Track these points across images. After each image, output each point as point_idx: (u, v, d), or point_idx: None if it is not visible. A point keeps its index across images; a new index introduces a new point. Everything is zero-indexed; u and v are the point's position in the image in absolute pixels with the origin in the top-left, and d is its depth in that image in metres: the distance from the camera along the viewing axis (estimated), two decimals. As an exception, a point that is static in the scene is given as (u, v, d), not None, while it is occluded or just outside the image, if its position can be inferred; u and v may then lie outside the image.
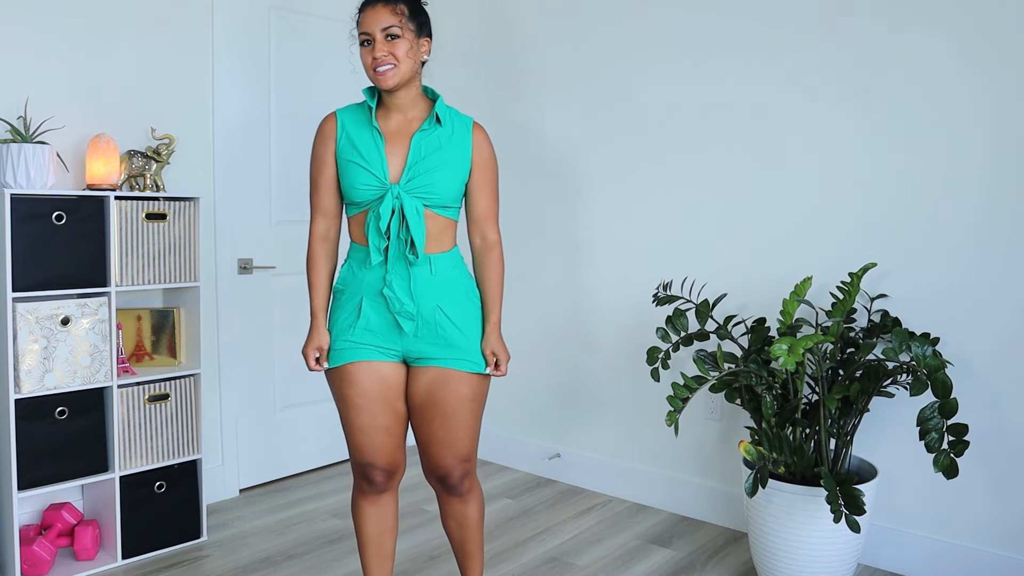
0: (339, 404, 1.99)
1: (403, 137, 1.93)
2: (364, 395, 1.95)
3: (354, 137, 1.94)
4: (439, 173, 1.91)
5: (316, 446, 3.57)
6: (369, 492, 2.04)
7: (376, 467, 2.00)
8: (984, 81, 2.38)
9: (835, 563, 2.32)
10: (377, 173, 1.90)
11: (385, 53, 1.86)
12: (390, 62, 1.87)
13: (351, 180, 1.92)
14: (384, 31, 1.87)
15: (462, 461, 2.00)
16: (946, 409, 2.11)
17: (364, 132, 1.94)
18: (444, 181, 1.92)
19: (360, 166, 1.91)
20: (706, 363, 2.54)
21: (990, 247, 2.40)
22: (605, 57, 3.23)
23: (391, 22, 1.87)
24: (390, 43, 1.87)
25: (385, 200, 1.88)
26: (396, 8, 1.88)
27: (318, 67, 3.45)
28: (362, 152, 1.91)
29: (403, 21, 1.88)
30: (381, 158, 1.90)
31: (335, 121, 1.98)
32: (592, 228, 3.31)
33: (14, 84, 2.58)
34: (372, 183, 1.90)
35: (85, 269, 2.51)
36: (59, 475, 2.49)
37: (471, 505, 2.07)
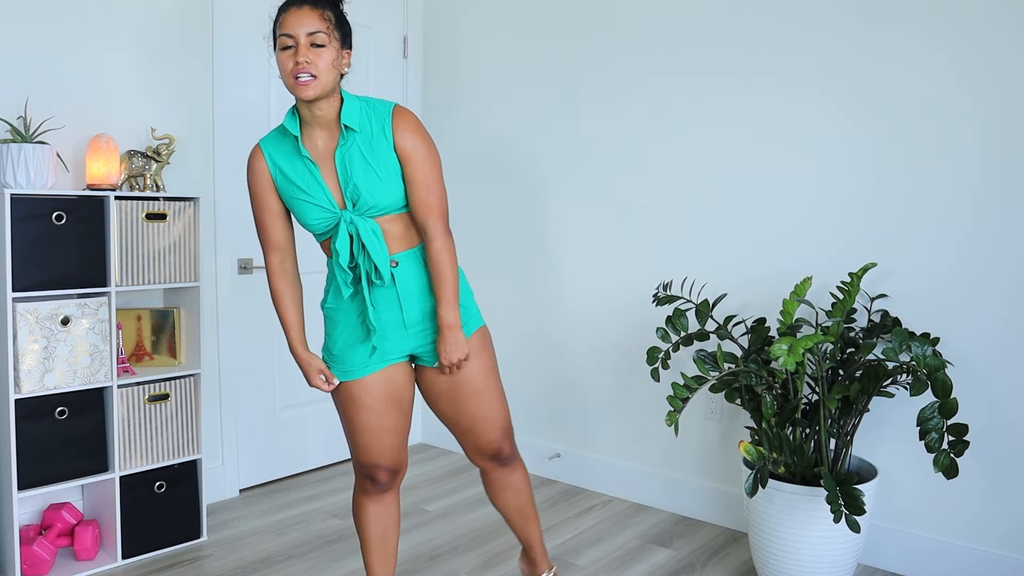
0: (345, 405, 1.94)
1: (331, 157, 1.83)
2: (373, 396, 1.92)
3: (287, 171, 1.84)
4: (373, 187, 1.81)
5: (316, 446, 3.57)
6: (373, 492, 2.01)
7: (382, 467, 1.97)
8: (984, 81, 2.39)
9: (835, 563, 2.32)
10: (323, 204, 1.82)
11: (308, 60, 1.72)
12: (312, 71, 1.73)
13: (303, 217, 1.85)
14: (309, 36, 1.73)
15: (504, 432, 2.04)
16: (946, 409, 2.11)
17: (296, 163, 1.84)
18: (383, 192, 1.82)
19: (305, 202, 1.83)
20: (706, 363, 2.54)
21: (990, 247, 2.40)
22: (601, 52, 3.23)
23: (318, 27, 1.73)
24: (314, 51, 1.73)
25: (340, 231, 1.81)
26: (324, 14, 1.75)
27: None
28: (301, 186, 1.82)
29: (330, 28, 1.75)
30: (321, 187, 1.82)
31: (262, 156, 1.87)
32: (592, 228, 3.31)
33: (14, 84, 2.58)
34: (323, 215, 1.83)
35: (85, 269, 2.51)
36: (59, 475, 2.49)
37: (519, 471, 2.13)
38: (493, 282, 3.68)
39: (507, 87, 3.56)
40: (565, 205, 3.39)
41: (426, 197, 1.86)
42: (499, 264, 3.64)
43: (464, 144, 3.73)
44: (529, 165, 3.51)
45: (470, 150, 3.72)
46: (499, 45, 3.59)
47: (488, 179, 3.65)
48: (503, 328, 3.65)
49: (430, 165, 1.85)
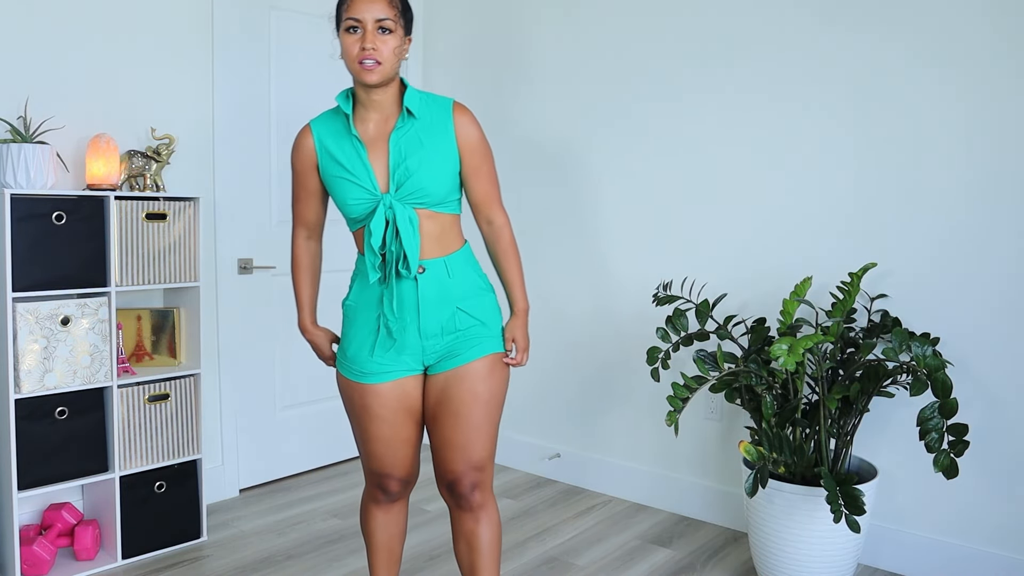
0: (358, 413, 1.89)
1: (384, 140, 1.81)
2: (388, 407, 1.86)
3: (334, 150, 1.82)
4: (425, 172, 1.78)
5: (316, 446, 3.57)
6: (383, 501, 1.98)
7: (394, 477, 1.93)
8: (986, 81, 2.39)
9: (835, 563, 2.32)
10: (365, 185, 1.79)
11: (374, 47, 1.72)
12: (377, 57, 1.72)
13: (342, 196, 1.82)
14: (378, 22, 1.73)
15: (473, 468, 1.87)
16: (946, 409, 2.11)
17: (344, 143, 1.82)
18: (433, 179, 1.79)
19: (347, 180, 1.80)
20: (706, 363, 2.54)
21: (990, 247, 2.40)
22: (601, 51, 3.23)
23: (386, 14, 1.73)
24: (381, 37, 1.73)
25: (377, 214, 1.77)
26: (392, 1, 1.76)
27: (318, 67, 3.45)
28: (346, 165, 1.80)
29: (396, 16, 1.75)
30: (366, 168, 1.79)
31: (311, 135, 1.86)
32: (592, 228, 3.31)
33: (14, 84, 2.58)
34: (363, 196, 1.79)
35: (85, 269, 2.51)
36: (59, 475, 2.49)
37: (483, 524, 1.91)
38: (494, 283, 3.68)
39: (507, 87, 3.56)
40: (566, 205, 3.39)
41: (490, 188, 1.91)
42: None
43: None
44: (527, 165, 3.51)
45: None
46: (499, 45, 3.59)
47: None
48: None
49: (491, 159, 1.90)
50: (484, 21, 3.63)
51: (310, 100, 3.43)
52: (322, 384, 3.58)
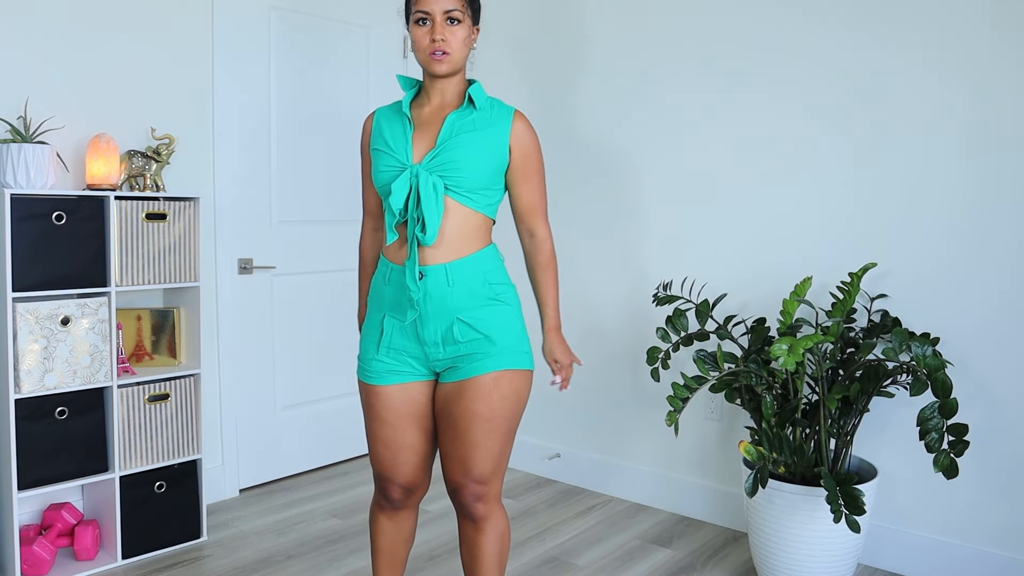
0: (365, 415, 1.90)
1: (435, 122, 1.82)
2: (391, 410, 1.84)
3: (384, 129, 1.85)
4: (466, 151, 1.77)
5: (316, 446, 3.57)
6: (387, 507, 1.95)
7: (394, 483, 1.90)
8: (985, 82, 2.39)
9: (835, 563, 2.32)
10: (399, 156, 1.79)
11: (443, 38, 1.75)
12: (447, 48, 1.76)
13: (376, 166, 1.83)
14: (446, 13, 1.76)
15: (475, 482, 1.82)
16: (946, 409, 2.11)
17: (395, 122, 1.85)
18: (471, 160, 1.77)
19: (384, 152, 1.82)
20: (706, 363, 2.54)
21: (991, 247, 2.40)
22: (603, 55, 3.23)
23: (454, 5, 1.76)
24: (449, 28, 1.76)
25: (401, 178, 1.76)
26: None
27: (318, 67, 3.45)
28: (388, 140, 1.83)
29: (464, 6, 1.78)
30: (406, 142, 1.80)
31: (372, 118, 1.92)
32: (591, 228, 3.31)
33: (14, 84, 2.58)
34: (392, 164, 1.79)
35: (85, 269, 2.51)
36: (59, 475, 2.49)
37: (485, 535, 1.86)
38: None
39: (507, 87, 3.56)
40: (566, 206, 3.39)
41: (538, 200, 1.90)
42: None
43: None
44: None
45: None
46: (499, 45, 3.59)
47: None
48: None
49: (542, 172, 1.90)
50: (484, 21, 3.63)
51: (310, 100, 3.43)
52: (322, 384, 3.58)
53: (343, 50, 3.54)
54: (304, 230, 3.44)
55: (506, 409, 1.80)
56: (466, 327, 1.79)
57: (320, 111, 3.46)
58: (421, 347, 1.82)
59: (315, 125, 3.44)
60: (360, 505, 3.17)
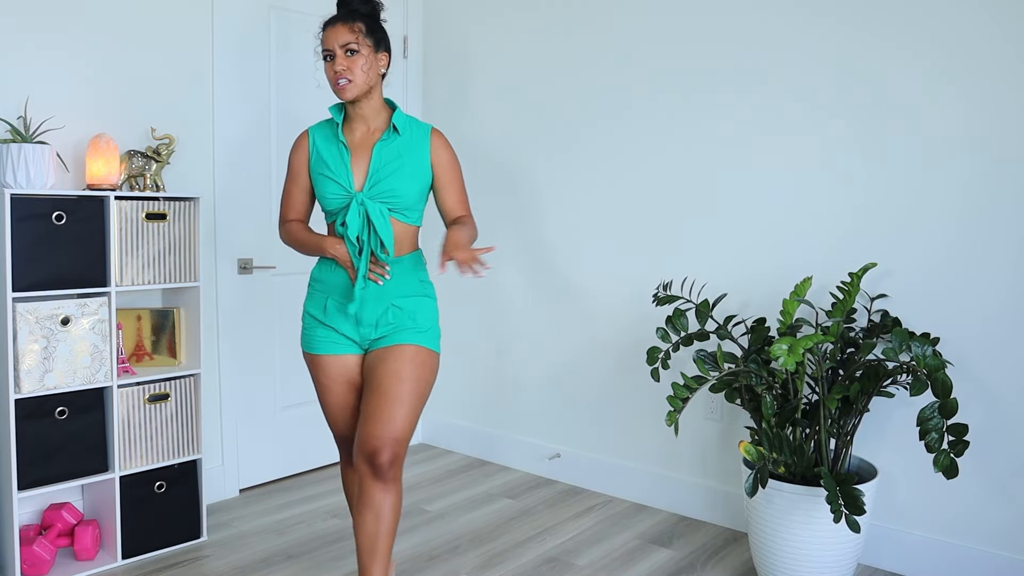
0: (314, 384, 2.25)
1: (365, 148, 2.13)
2: (331, 378, 2.18)
3: (323, 151, 2.14)
4: (398, 177, 2.09)
5: (316, 446, 3.57)
6: (349, 463, 2.31)
7: (346, 439, 2.26)
8: (986, 83, 2.39)
9: (835, 563, 2.32)
10: (342, 183, 2.09)
11: (344, 67, 2.04)
12: (348, 76, 2.04)
13: (321, 191, 2.12)
14: (343, 47, 2.05)
15: (393, 440, 2.03)
16: (946, 409, 2.11)
17: (332, 146, 2.14)
18: (404, 185, 2.09)
19: (328, 177, 2.11)
20: (706, 363, 2.54)
21: (990, 247, 2.40)
22: (592, 37, 3.23)
23: (348, 39, 2.05)
24: (349, 58, 2.05)
25: (351, 208, 2.06)
26: (354, 26, 2.06)
27: (318, 67, 3.45)
28: (329, 165, 2.12)
29: (360, 38, 2.06)
30: (346, 169, 2.10)
31: (307, 138, 2.19)
32: (592, 228, 3.31)
33: (14, 84, 2.58)
34: (339, 192, 2.09)
35: (85, 269, 2.51)
36: (59, 475, 2.49)
37: (391, 495, 2.05)
38: (493, 283, 3.68)
39: (508, 87, 3.56)
40: (565, 206, 3.39)
41: (461, 199, 2.22)
42: (499, 265, 3.64)
43: (464, 143, 3.73)
44: (530, 165, 3.51)
45: (470, 149, 3.72)
46: (500, 45, 3.59)
47: (487, 179, 3.65)
48: (504, 329, 3.65)
49: (460, 175, 2.22)
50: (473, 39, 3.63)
51: (310, 100, 3.43)
52: (322, 384, 3.57)
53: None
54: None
55: (421, 378, 2.10)
56: (398, 311, 2.12)
57: (320, 111, 3.46)
58: (357, 328, 2.13)
59: (315, 125, 3.44)
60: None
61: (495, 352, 3.69)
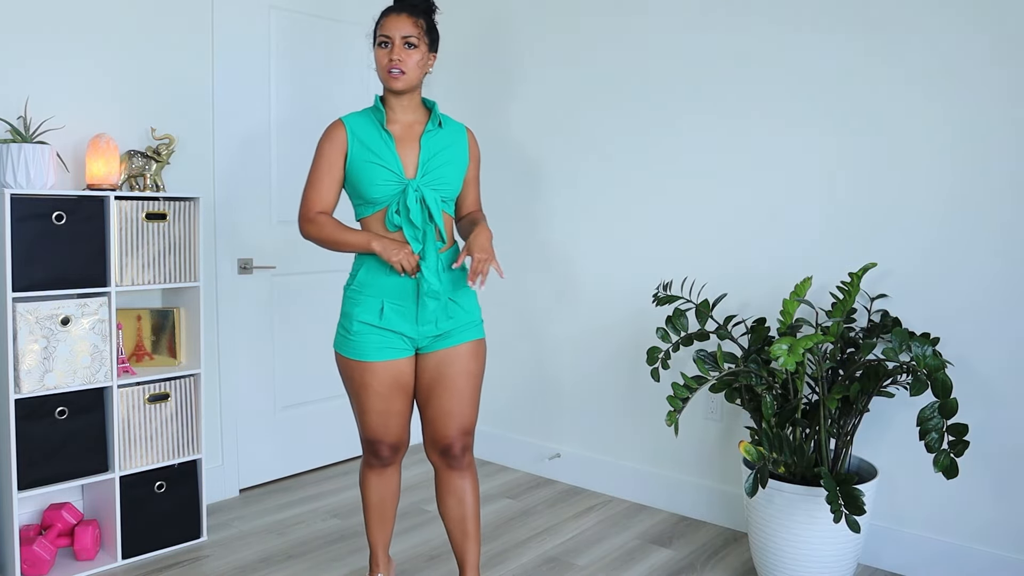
0: (356, 388, 2.15)
1: (410, 139, 2.13)
2: (384, 384, 2.13)
3: (365, 139, 2.10)
4: (449, 168, 2.14)
5: (316, 446, 3.57)
6: (376, 465, 2.25)
7: (385, 444, 2.20)
8: (985, 81, 2.38)
9: (835, 563, 2.32)
10: (394, 169, 2.08)
11: (400, 58, 2.05)
12: (403, 67, 2.06)
13: (370, 177, 2.07)
14: (403, 38, 2.06)
15: (464, 433, 2.18)
16: (946, 409, 2.11)
17: (373, 135, 2.11)
18: (453, 176, 2.15)
19: (376, 164, 2.07)
20: (706, 363, 2.54)
21: (990, 247, 2.40)
22: (596, 40, 3.23)
23: (411, 32, 2.06)
24: (406, 50, 2.06)
25: (409, 194, 2.06)
26: (417, 21, 2.08)
27: (318, 67, 3.45)
28: (376, 152, 2.08)
29: (420, 34, 2.08)
30: (395, 156, 2.09)
31: (344, 128, 2.12)
32: (592, 228, 3.31)
33: (14, 84, 2.58)
34: (390, 178, 2.07)
35: (85, 269, 2.51)
36: (59, 475, 2.49)
37: (469, 480, 2.22)
38: (496, 283, 3.68)
39: (508, 87, 3.56)
40: (567, 206, 3.39)
41: (479, 195, 2.32)
42: (501, 265, 3.64)
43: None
44: (530, 165, 3.51)
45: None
46: (500, 45, 3.59)
47: (487, 179, 3.65)
48: (505, 329, 3.65)
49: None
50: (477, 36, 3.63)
51: (310, 100, 3.43)
52: (322, 384, 3.58)
53: (343, 50, 3.54)
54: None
55: (482, 368, 2.22)
56: (455, 306, 2.16)
57: (320, 111, 3.46)
58: (417, 326, 2.12)
59: (315, 125, 3.44)
60: (360, 506, 3.17)
61: (495, 352, 3.69)
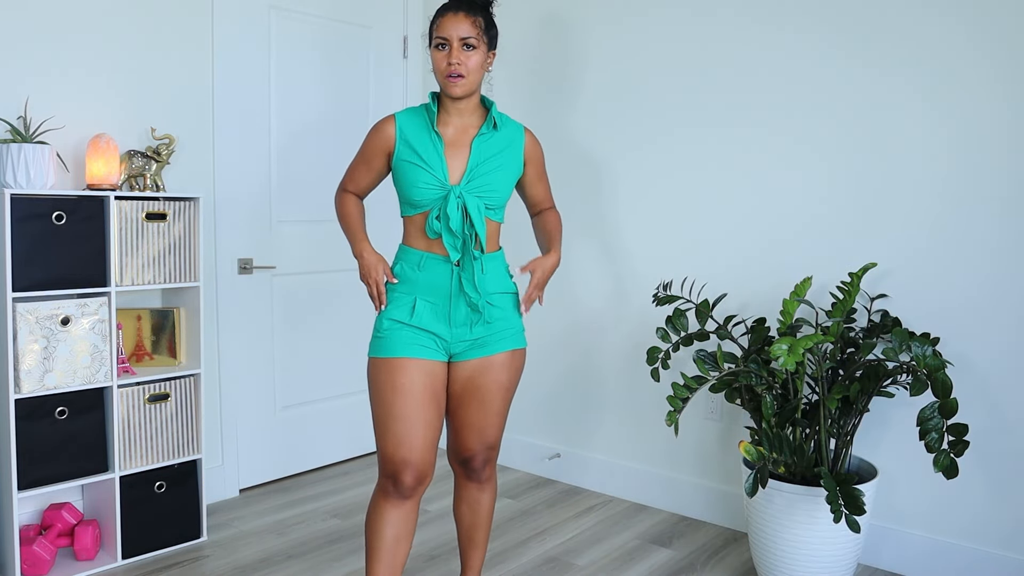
0: (382, 392, 1.95)
1: (462, 143, 2.01)
2: (416, 384, 1.94)
3: (412, 140, 1.99)
4: (498, 175, 2.00)
5: (316, 446, 3.57)
6: (394, 495, 1.95)
7: (410, 465, 1.92)
8: (986, 82, 2.39)
9: (835, 563, 2.32)
10: (438, 174, 1.96)
11: (459, 62, 1.92)
12: (462, 72, 1.93)
13: (411, 179, 1.97)
14: (462, 40, 1.93)
15: (488, 448, 2.10)
16: (946, 409, 2.11)
17: (423, 136, 1.99)
18: (501, 183, 2.01)
19: (420, 167, 1.96)
20: (706, 363, 2.54)
21: (990, 247, 2.40)
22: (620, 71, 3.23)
23: (470, 33, 1.93)
24: (466, 52, 1.93)
25: (450, 200, 1.94)
26: (476, 20, 1.94)
27: (318, 67, 3.45)
28: (421, 155, 1.97)
29: (479, 33, 1.94)
30: (441, 161, 1.97)
31: (394, 124, 2.02)
32: (592, 228, 3.31)
33: (14, 84, 2.58)
34: (432, 183, 1.95)
35: (85, 269, 2.51)
36: (59, 475, 2.49)
37: (487, 493, 2.17)
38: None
39: (508, 87, 3.56)
40: (566, 207, 3.39)
41: (548, 192, 2.22)
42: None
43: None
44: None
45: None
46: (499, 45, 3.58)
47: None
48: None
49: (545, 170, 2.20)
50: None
51: (310, 100, 3.43)
52: (322, 384, 3.58)
53: (343, 50, 3.54)
54: (304, 230, 3.44)
55: (517, 380, 2.11)
56: (493, 309, 2.03)
57: (320, 111, 3.46)
58: (450, 328, 2.00)
59: (315, 125, 3.44)
60: (360, 505, 3.17)
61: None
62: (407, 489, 1.94)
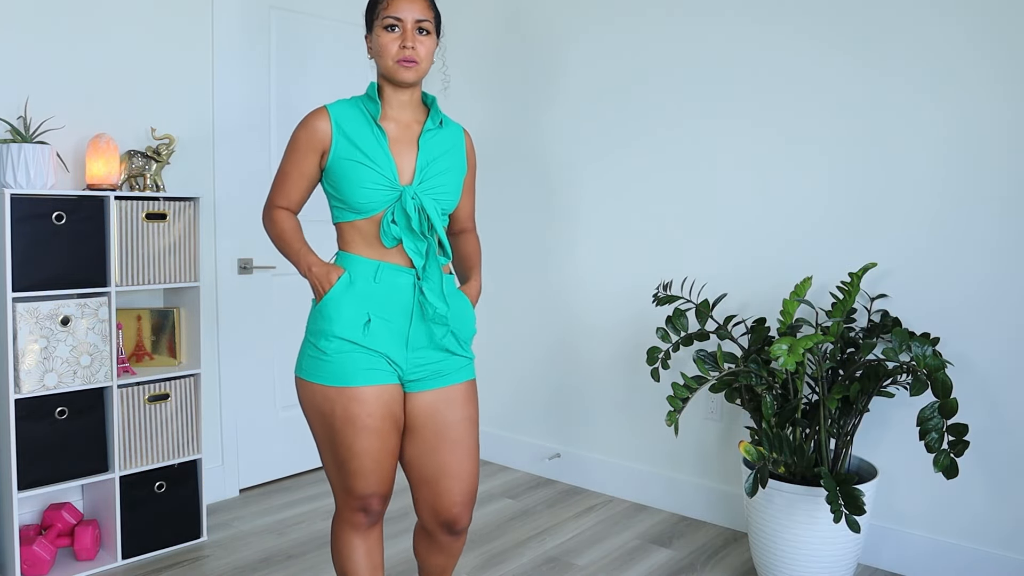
0: (336, 426, 1.72)
1: (406, 139, 1.79)
2: (375, 416, 1.71)
3: (352, 135, 1.75)
4: (449, 176, 1.81)
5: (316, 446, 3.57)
6: (362, 526, 1.80)
7: (378, 495, 1.77)
8: (986, 82, 2.38)
9: (835, 563, 2.32)
10: (386, 173, 1.73)
11: (413, 47, 1.73)
12: (416, 58, 1.73)
13: (356, 180, 1.71)
14: (417, 22, 1.74)
15: (471, 499, 1.82)
16: (946, 409, 2.11)
17: (363, 130, 1.75)
18: (452, 184, 1.81)
19: (365, 166, 1.72)
20: (706, 363, 2.54)
21: (990, 247, 2.40)
22: (614, 63, 3.23)
23: (425, 16, 1.75)
24: (420, 37, 1.74)
25: (406, 202, 1.72)
26: (430, 3, 1.78)
27: (318, 67, 3.45)
28: (365, 151, 1.73)
29: (433, 17, 1.78)
30: (388, 158, 1.74)
31: (328, 117, 1.76)
32: (592, 228, 3.31)
33: (14, 84, 2.58)
34: (382, 183, 1.72)
35: (85, 269, 2.51)
36: (59, 475, 2.49)
37: (463, 540, 1.90)
38: (496, 283, 3.68)
39: (508, 87, 3.56)
40: (566, 207, 3.39)
41: (473, 207, 2.02)
42: (501, 264, 3.64)
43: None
44: (530, 166, 3.51)
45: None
46: (499, 44, 3.59)
47: (486, 180, 3.65)
48: (506, 329, 3.65)
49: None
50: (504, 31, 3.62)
51: (310, 99, 3.43)
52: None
53: (343, 50, 3.54)
54: (304, 230, 3.44)
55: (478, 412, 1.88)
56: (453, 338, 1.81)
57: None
58: (406, 352, 1.76)
59: (315, 125, 3.44)
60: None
61: (494, 353, 3.69)
62: (376, 515, 1.81)
